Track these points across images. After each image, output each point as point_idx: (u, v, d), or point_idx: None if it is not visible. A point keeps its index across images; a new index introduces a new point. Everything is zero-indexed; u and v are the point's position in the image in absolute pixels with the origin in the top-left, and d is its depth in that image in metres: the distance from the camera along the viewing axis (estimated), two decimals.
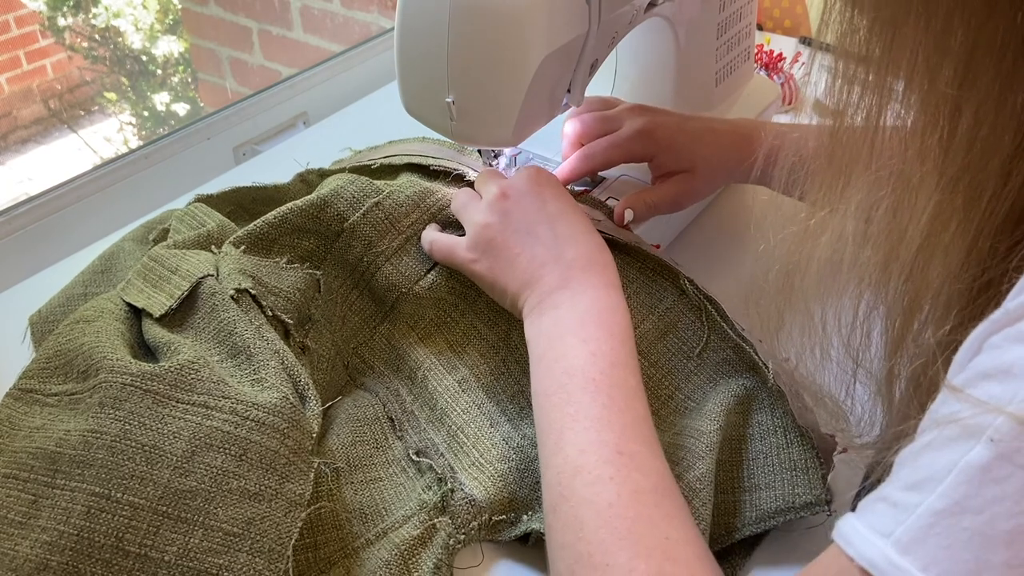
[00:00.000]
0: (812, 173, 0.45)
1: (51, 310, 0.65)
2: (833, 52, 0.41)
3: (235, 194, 0.71)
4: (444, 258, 0.61)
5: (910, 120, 0.39)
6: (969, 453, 0.32)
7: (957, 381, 0.34)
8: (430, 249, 0.62)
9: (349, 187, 0.63)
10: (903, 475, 0.35)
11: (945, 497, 0.32)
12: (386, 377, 0.61)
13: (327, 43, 1.52)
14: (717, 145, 0.71)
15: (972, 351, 0.35)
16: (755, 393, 0.57)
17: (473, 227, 0.59)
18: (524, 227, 0.57)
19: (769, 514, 0.52)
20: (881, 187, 0.41)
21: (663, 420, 0.57)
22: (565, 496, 0.45)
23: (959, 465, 0.32)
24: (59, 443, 0.45)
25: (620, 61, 0.81)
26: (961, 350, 0.35)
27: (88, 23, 2.32)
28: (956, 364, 0.35)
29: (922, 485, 0.33)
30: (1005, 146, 0.36)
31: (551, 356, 0.51)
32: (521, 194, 0.59)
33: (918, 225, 0.39)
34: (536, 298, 0.54)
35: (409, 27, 0.57)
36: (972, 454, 0.32)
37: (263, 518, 0.45)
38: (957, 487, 0.32)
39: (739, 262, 0.76)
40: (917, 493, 0.33)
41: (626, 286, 0.58)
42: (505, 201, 0.59)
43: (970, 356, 0.35)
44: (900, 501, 0.34)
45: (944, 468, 0.32)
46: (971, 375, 0.34)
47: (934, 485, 0.32)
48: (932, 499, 0.32)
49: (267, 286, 0.57)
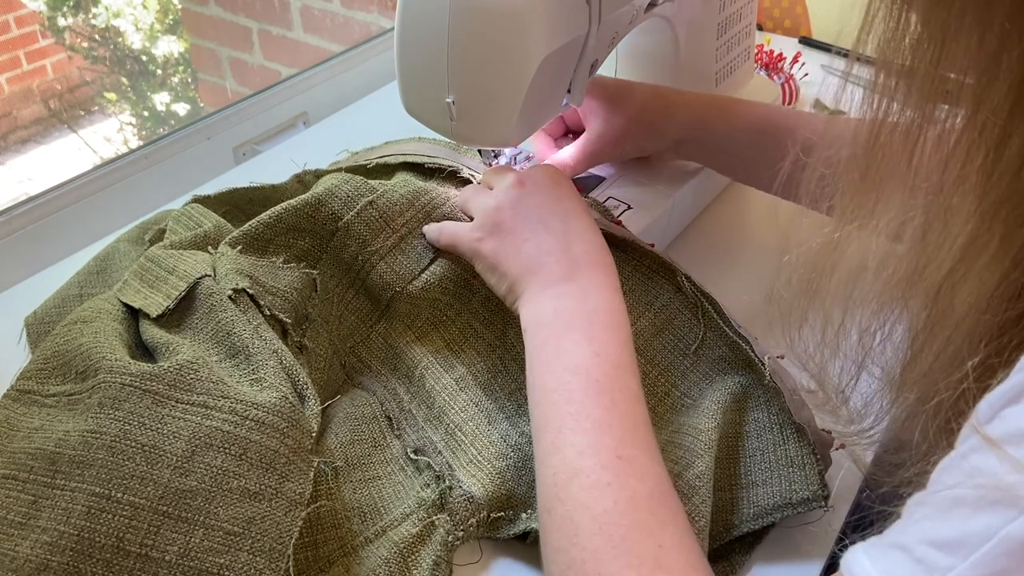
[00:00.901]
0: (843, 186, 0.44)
1: (46, 311, 0.65)
2: (874, 63, 0.39)
3: (231, 195, 0.71)
4: (450, 241, 0.60)
5: (952, 140, 0.37)
6: (1012, 524, 0.30)
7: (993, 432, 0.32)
8: (439, 235, 0.61)
9: (343, 186, 0.63)
10: (928, 528, 0.33)
11: (980, 567, 0.30)
12: (383, 376, 0.61)
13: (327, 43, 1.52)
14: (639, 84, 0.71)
15: (1008, 398, 0.32)
16: (751, 390, 0.57)
17: (483, 210, 0.59)
18: (536, 215, 0.57)
19: (767, 510, 0.52)
20: (915, 206, 0.40)
21: (660, 417, 0.57)
22: (561, 499, 0.44)
23: (1000, 535, 0.30)
24: (58, 443, 0.45)
25: (620, 61, 0.82)
26: (995, 392, 0.33)
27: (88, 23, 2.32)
28: (987, 406, 0.33)
29: (954, 548, 0.31)
30: None
31: (552, 350, 0.50)
32: (537, 184, 0.58)
33: (950, 250, 0.38)
34: (539, 285, 0.54)
35: (409, 27, 0.57)
36: (1015, 526, 0.30)
37: (263, 517, 0.45)
38: (996, 559, 0.30)
39: (738, 263, 0.76)
40: (947, 555, 0.31)
41: (622, 283, 0.58)
42: (521, 188, 0.58)
43: (1005, 403, 0.32)
44: (926, 558, 0.32)
45: (981, 534, 0.30)
46: (1012, 431, 0.31)
47: (968, 551, 0.30)
48: (965, 566, 0.30)
49: (264, 286, 0.57)
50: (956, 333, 0.39)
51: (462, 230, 0.60)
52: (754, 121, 0.69)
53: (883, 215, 0.41)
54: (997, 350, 0.36)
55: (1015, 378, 0.32)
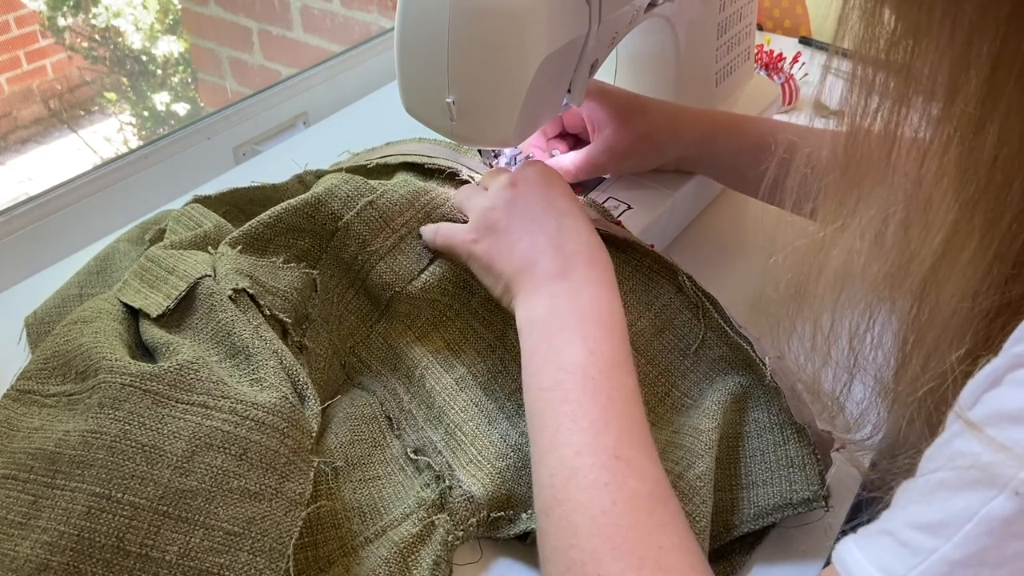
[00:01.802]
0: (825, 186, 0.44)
1: (46, 311, 0.65)
2: (851, 57, 0.40)
3: (232, 195, 0.71)
4: (445, 243, 0.60)
5: (929, 134, 0.38)
6: (991, 503, 0.30)
7: (975, 416, 0.32)
8: (434, 237, 0.61)
9: (343, 186, 0.63)
10: (913, 512, 0.33)
11: (963, 547, 0.30)
12: (383, 376, 0.61)
13: (327, 43, 1.52)
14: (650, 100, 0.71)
15: (989, 382, 0.33)
16: (751, 390, 0.57)
17: (477, 211, 0.59)
18: (529, 215, 0.57)
19: (767, 511, 0.52)
20: (896, 202, 0.40)
21: (660, 417, 0.57)
22: (559, 499, 0.44)
23: (980, 515, 0.30)
24: (58, 443, 0.45)
25: (620, 61, 0.82)
26: (976, 378, 0.33)
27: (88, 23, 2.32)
28: (969, 392, 0.34)
29: (937, 529, 0.32)
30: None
31: (548, 349, 0.50)
32: (530, 184, 0.59)
33: (933, 245, 0.38)
34: (533, 284, 0.54)
35: (409, 27, 0.57)
36: (995, 504, 0.30)
37: (264, 517, 0.45)
38: (978, 538, 0.30)
39: (737, 263, 0.76)
40: (931, 537, 0.32)
41: (622, 283, 0.58)
42: (513, 188, 0.58)
43: (986, 387, 0.33)
44: (910, 541, 0.32)
45: (962, 515, 0.31)
46: (991, 413, 0.32)
47: (951, 532, 0.31)
48: (948, 547, 0.31)
49: (264, 286, 0.57)
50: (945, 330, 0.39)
51: (457, 232, 0.60)
52: (757, 138, 0.69)
53: (865, 212, 0.41)
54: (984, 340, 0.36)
55: (995, 362, 0.33)
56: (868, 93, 0.40)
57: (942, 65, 0.36)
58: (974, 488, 0.31)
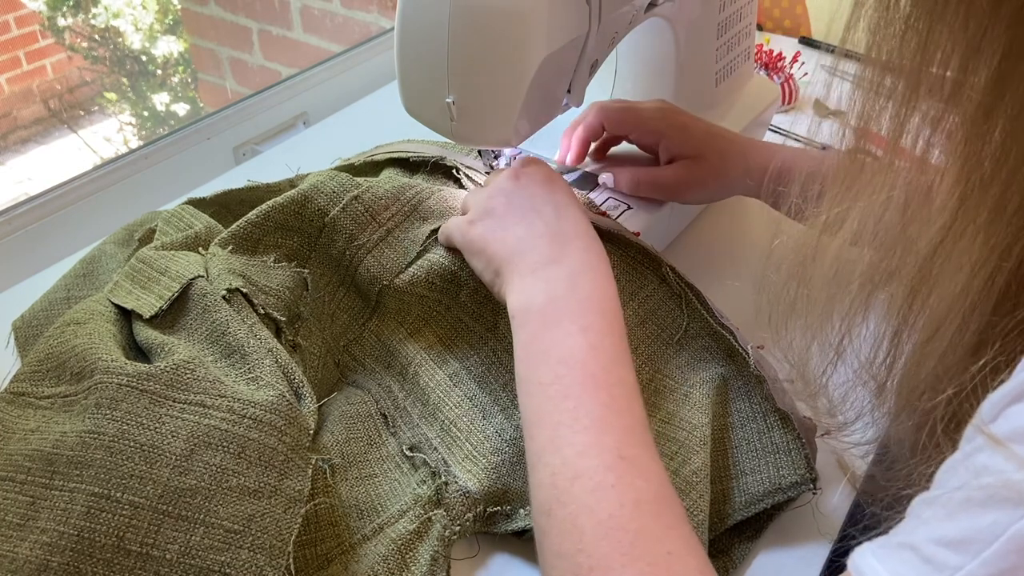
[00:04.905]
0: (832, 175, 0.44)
1: (34, 315, 0.64)
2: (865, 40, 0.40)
3: (224, 197, 0.71)
4: (445, 233, 0.61)
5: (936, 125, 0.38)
6: (1020, 522, 0.30)
7: (997, 430, 0.32)
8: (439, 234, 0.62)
9: (329, 182, 0.63)
10: (936, 527, 0.33)
11: (990, 564, 0.30)
12: (377, 374, 0.61)
13: (327, 43, 1.52)
14: (729, 142, 0.71)
15: (1012, 396, 0.32)
16: (731, 381, 0.58)
17: (478, 202, 0.59)
18: (529, 204, 0.56)
19: (757, 497, 0.53)
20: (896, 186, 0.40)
21: (647, 403, 0.57)
22: (562, 501, 0.42)
23: (1008, 533, 0.30)
24: (56, 445, 0.45)
25: (620, 61, 0.82)
26: (999, 392, 0.33)
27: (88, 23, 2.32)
28: (990, 405, 0.33)
29: (962, 546, 0.31)
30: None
31: (545, 339, 0.49)
32: (532, 179, 0.59)
33: (930, 233, 0.38)
34: (527, 266, 0.52)
35: (409, 27, 0.57)
36: (1023, 524, 0.30)
37: (263, 515, 0.46)
38: (1006, 556, 0.30)
39: (738, 263, 0.76)
40: (955, 553, 0.31)
41: None
42: (516, 180, 0.59)
43: (1008, 401, 0.32)
44: (934, 557, 0.32)
45: (989, 532, 0.30)
46: (1017, 429, 0.31)
47: (978, 549, 0.30)
48: (974, 564, 0.30)
49: (257, 285, 0.58)
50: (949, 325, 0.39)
51: (458, 219, 0.60)
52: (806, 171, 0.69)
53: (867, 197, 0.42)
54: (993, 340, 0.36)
55: (1018, 376, 0.32)
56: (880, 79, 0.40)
57: (955, 52, 0.36)
58: (1002, 506, 0.30)
